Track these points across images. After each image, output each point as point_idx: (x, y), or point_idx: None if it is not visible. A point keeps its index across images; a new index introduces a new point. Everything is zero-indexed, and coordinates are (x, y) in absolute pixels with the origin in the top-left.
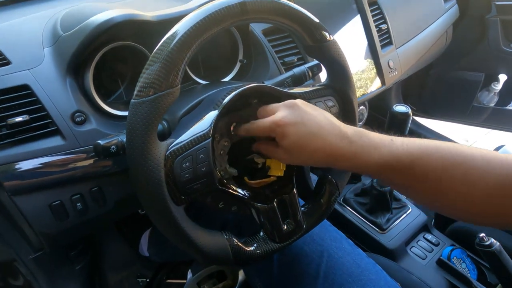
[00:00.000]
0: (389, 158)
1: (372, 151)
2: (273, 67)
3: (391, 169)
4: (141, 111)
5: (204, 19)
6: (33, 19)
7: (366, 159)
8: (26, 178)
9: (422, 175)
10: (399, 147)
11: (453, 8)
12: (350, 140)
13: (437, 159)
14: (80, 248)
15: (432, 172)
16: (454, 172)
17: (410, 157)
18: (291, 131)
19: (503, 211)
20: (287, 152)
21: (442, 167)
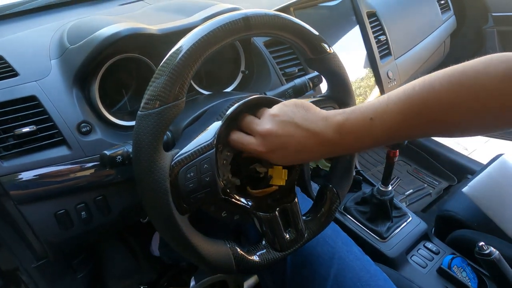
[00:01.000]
0: (370, 143)
1: (351, 143)
2: (275, 78)
3: (374, 147)
4: (147, 123)
5: (209, 34)
6: (40, 31)
7: (346, 150)
8: (32, 187)
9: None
10: (379, 128)
11: (451, 19)
12: (324, 136)
13: (429, 92)
14: (83, 257)
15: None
16: (460, 92)
17: (390, 136)
18: (270, 156)
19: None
20: (269, 152)
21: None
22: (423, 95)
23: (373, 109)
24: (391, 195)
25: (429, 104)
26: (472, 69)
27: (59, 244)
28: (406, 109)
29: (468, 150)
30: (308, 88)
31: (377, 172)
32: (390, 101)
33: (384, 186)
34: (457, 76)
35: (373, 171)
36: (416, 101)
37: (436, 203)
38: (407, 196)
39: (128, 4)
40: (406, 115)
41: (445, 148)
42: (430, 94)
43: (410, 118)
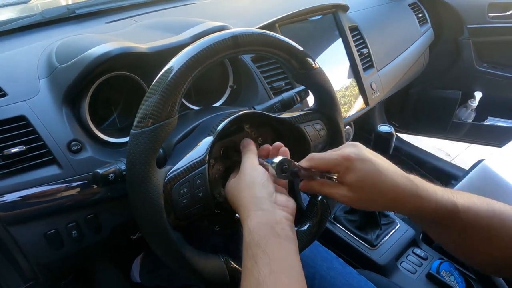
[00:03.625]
0: (445, 201)
1: (430, 189)
2: (262, 92)
3: (446, 213)
4: (141, 141)
5: (199, 53)
6: (28, 50)
7: (426, 199)
8: (22, 207)
9: (472, 226)
10: (448, 193)
11: (429, 32)
12: (410, 178)
13: (486, 211)
14: (72, 277)
15: (482, 225)
16: (502, 230)
17: (461, 205)
18: (358, 166)
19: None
20: (350, 190)
21: (489, 222)
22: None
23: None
24: None
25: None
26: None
27: (48, 265)
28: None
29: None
30: (295, 101)
31: None
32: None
33: None
34: None
35: None
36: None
37: None
38: None
39: (115, 22)
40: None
41: (429, 155)
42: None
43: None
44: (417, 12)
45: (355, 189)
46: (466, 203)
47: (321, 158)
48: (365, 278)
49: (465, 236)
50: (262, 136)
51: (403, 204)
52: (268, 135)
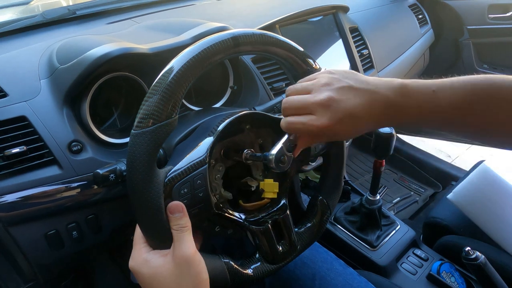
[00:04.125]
0: (430, 111)
1: (411, 107)
2: (263, 92)
3: (430, 120)
4: (141, 141)
5: (200, 54)
6: (28, 51)
7: (406, 114)
8: (22, 208)
9: (463, 124)
10: (441, 100)
11: (429, 33)
12: (385, 97)
13: (481, 106)
14: (72, 278)
15: (475, 121)
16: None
17: (453, 109)
18: (334, 109)
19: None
20: (336, 122)
21: (484, 115)
22: (489, 81)
23: (436, 83)
24: (379, 204)
25: (496, 87)
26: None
27: (49, 266)
28: (468, 89)
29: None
30: None
31: (365, 181)
32: (454, 80)
33: (372, 195)
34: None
35: (361, 180)
36: (481, 84)
37: (423, 210)
38: (394, 204)
39: (116, 23)
40: (469, 95)
41: (430, 156)
42: (497, 81)
43: (472, 98)
44: (417, 13)
45: (336, 122)
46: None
47: (289, 122)
48: (365, 279)
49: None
50: (262, 137)
51: (402, 114)
52: (268, 136)
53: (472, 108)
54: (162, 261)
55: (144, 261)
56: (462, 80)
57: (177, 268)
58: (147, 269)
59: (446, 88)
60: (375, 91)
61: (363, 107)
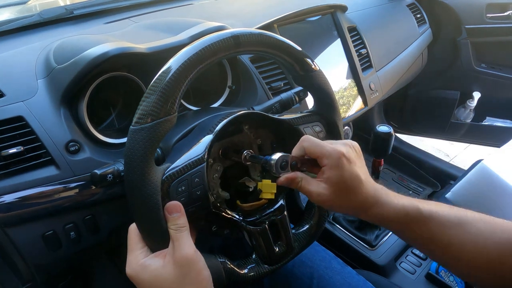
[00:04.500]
0: (407, 207)
1: (393, 197)
2: (261, 92)
3: (410, 219)
4: (140, 137)
5: (198, 53)
6: (26, 51)
7: (387, 205)
8: (19, 209)
9: (437, 228)
10: (413, 201)
11: (427, 32)
12: (377, 188)
13: (453, 218)
14: (70, 279)
15: (447, 228)
16: (464, 236)
17: (428, 209)
18: (345, 166)
19: (501, 275)
20: (327, 189)
21: (453, 225)
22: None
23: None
24: None
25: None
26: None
27: (46, 266)
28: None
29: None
30: (294, 102)
31: None
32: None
33: None
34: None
35: None
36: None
37: None
38: None
39: (113, 22)
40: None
41: (428, 156)
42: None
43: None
44: (415, 12)
45: (332, 189)
46: (431, 209)
47: (316, 144)
48: (364, 278)
49: (433, 242)
50: (261, 137)
51: (365, 211)
52: (267, 136)
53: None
54: (161, 263)
55: (142, 267)
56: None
57: (178, 269)
58: (147, 275)
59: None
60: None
61: (360, 190)
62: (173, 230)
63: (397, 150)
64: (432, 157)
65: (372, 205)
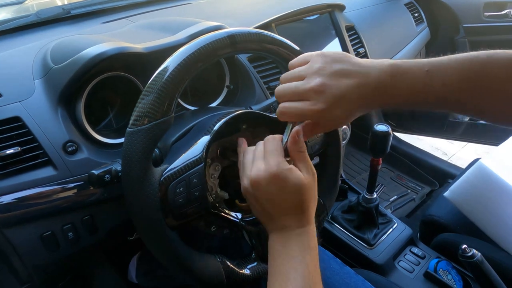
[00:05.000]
0: (424, 92)
1: (403, 88)
2: (259, 91)
3: (424, 102)
4: (137, 139)
5: (195, 52)
6: (23, 51)
7: (399, 96)
8: (17, 209)
9: (460, 105)
10: (435, 80)
11: (425, 31)
12: (376, 78)
13: (477, 90)
14: (68, 279)
15: (473, 101)
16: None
17: (449, 91)
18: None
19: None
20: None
21: (482, 98)
22: (485, 60)
23: (429, 63)
24: (376, 202)
25: (489, 67)
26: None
27: (45, 267)
28: (465, 68)
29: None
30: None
31: (362, 179)
32: (452, 58)
33: (369, 194)
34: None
35: (357, 179)
36: (477, 64)
37: (420, 208)
38: (391, 202)
39: (111, 22)
40: (464, 75)
41: (426, 154)
42: (492, 60)
43: (468, 77)
44: (413, 11)
45: (332, 101)
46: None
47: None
48: (362, 278)
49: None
50: (259, 136)
51: (388, 96)
52: (265, 135)
53: (467, 88)
54: (301, 174)
55: (291, 171)
56: (458, 57)
57: (312, 179)
58: (294, 179)
59: (440, 67)
60: (367, 73)
61: (356, 90)
62: (302, 152)
63: (395, 149)
64: (430, 156)
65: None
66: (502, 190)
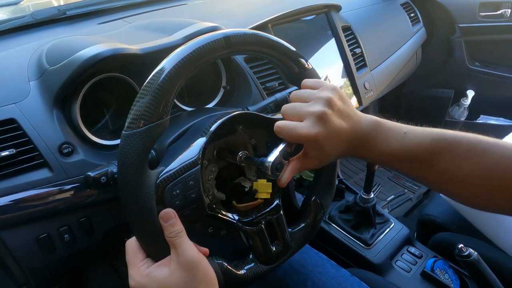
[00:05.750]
0: (400, 150)
1: (383, 143)
2: (256, 92)
3: (399, 160)
4: (132, 142)
5: (191, 54)
6: (18, 52)
7: (378, 149)
8: (12, 212)
9: (430, 166)
10: (411, 141)
11: (421, 31)
12: (364, 129)
13: (447, 153)
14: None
15: (441, 164)
16: (463, 165)
17: (421, 151)
18: (329, 141)
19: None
20: (324, 155)
21: (450, 162)
22: (453, 135)
23: (407, 127)
24: (373, 202)
25: (456, 151)
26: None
27: (41, 270)
28: (438, 135)
29: None
30: (288, 101)
31: (359, 179)
32: (425, 129)
33: (366, 194)
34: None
35: (355, 178)
36: (448, 135)
37: (417, 208)
38: (389, 202)
39: (107, 23)
40: (435, 139)
41: None
42: (458, 145)
43: (438, 142)
44: (409, 11)
45: (323, 155)
46: (428, 146)
47: (289, 130)
48: (358, 280)
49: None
50: (256, 137)
51: (359, 150)
52: (261, 136)
53: (438, 153)
54: (167, 271)
55: (148, 278)
56: (433, 129)
57: (186, 273)
58: (154, 284)
59: (416, 131)
60: (358, 123)
61: (348, 133)
62: (172, 237)
63: None
64: None
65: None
66: None
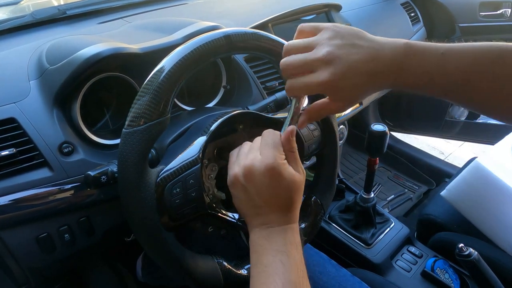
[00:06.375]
0: (438, 73)
1: (416, 68)
2: (256, 92)
3: (437, 85)
4: (133, 141)
5: (191, 53)
6: (18, 51)
7: (411, 75)
8: (12, 211)
9: (472, 89)
10: (449, 62)
11: (421, 31)
12: (387, 56)
13: (489, 73)
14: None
15: (484, 86)
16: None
17: (461, 73)
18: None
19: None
20: (339, 80)
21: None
22: (503, 48)
23: (445, 46)
24: (374, 202)
25: (506, 56)
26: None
27: (41, 269)
28: (481, 54)
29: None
30: (289, 101)
31: (359, 179)
32: (466, 44)
33: (366, 193)
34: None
35: (355, 178)
36: (495, 51)
37: (417, 207)
38: (389, 201)
39: (107, 22)
40: (478, 60)
41: (423, 154)
42: (510, 49)
43: (482, 63)
44: (409, 11)
45: (343, 77)
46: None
47: (300, 87)
48: (359, 280)
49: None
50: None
51: (402, 77)
52: None
53: (480, 74)
54: (297, 172)
55: (285, 165)
56: (475, 44)
57: (303, 184)
58: (287, 172)
59: (456, 50)
60: (380, 49)
61: (365, 64)
62: (292, 152)
63: (392, 149)
64: (427, 155)
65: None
66: (499, 189)
